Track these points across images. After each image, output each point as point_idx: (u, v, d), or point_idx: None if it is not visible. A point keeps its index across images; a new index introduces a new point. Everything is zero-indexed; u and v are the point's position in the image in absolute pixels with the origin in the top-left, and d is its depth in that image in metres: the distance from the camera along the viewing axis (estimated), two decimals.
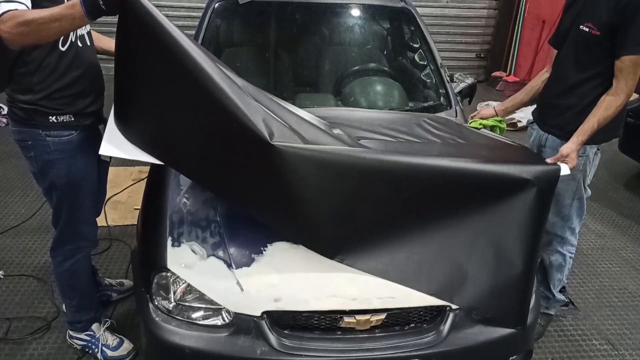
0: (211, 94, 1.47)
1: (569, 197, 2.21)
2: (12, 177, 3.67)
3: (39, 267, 2.76)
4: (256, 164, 1.55)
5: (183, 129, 1.61)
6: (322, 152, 1.56)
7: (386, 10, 3.18)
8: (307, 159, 1.52)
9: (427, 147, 1.96)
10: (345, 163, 1.58)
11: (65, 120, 1.81)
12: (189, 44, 1.50)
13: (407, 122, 2.24)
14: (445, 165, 1.64)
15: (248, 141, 1.49)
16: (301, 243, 1.68)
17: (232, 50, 3.07)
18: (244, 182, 1.64)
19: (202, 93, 1.48)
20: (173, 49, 1.48)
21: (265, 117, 1.52)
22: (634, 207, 3.88)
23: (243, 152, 1.55)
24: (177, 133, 1.64)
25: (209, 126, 1.57)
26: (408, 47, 3.20)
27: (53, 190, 1.92)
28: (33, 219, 3.08)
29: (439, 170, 1.64)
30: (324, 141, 1.62)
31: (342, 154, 1.59)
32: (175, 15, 6.05)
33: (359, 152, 1.63)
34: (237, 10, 2.98)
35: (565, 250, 2.35)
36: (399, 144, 1.95)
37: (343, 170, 1.58)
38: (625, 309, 2.75)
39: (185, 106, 1.57)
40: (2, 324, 2.37)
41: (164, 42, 1.48)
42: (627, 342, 2.52)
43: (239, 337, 1.64)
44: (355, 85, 2.77)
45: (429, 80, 2.83)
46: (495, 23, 6.74)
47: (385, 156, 1.64)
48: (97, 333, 2.22)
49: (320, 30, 3.07)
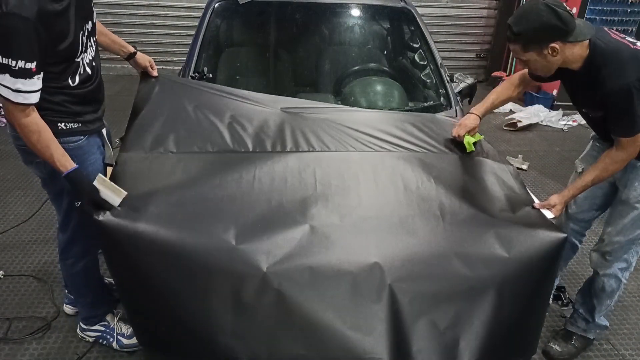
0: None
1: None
2: (12, 177, 3.66)
3: (39, 267, 2.76)
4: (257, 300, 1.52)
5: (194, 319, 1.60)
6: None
7: (386, 10, 3.19)
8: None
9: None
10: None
11: (74, 126, 1.80)
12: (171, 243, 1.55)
13: (397, 124, 2.21)
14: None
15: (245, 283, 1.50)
16: None
17: (232, 50, 3.07)
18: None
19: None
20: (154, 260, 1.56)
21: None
22: None
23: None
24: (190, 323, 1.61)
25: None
26: (408, 47, 3.20)
27: (64, 195, 1.91)
28: (33, 219, 3.08)
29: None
30: None
31: None
32: (176, 15, 6.05)
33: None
34: (237, 10, 2.98)
35: (623, 277, 2.16)
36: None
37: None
38: (625, 309, 2.74)
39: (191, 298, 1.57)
40: (2, 324, 2.37)
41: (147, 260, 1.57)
42: (627, 342, 2.52)
43: None
44: (355, 85, 2.77)
45: (429, 80, 2.83)
46: (495, 23, 6.73)
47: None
48: (111, 323, 2.26)
49: (320, 30, 3.08)
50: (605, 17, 5.27)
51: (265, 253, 1.52)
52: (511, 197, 1.88)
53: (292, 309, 1.48)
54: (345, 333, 1.47)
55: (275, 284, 1.48)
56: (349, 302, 1.50)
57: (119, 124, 2.14)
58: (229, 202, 1.70)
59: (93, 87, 1.84)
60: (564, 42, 1.74)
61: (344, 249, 1.57)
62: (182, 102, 2.14)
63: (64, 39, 1.62)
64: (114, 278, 1.75)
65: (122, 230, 1.57)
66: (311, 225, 1.63)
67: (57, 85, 1.69)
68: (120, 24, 6.01)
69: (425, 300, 1.53)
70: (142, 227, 1.57)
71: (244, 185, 1.77)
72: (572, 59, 1.80)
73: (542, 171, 4.24)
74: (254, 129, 2.05)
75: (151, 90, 2.18)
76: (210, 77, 2.61)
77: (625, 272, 2.16)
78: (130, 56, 2.18)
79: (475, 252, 1.60)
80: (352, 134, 2.08)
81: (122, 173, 1.79)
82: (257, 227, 1.61)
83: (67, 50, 1.64)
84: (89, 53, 1.80)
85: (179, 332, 1.60)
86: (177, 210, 1.64)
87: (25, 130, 1.62)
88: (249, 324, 1.51)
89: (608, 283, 2.17)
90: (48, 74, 1.62)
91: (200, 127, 2.03)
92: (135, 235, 1.56)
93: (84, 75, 1.77)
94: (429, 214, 1.71)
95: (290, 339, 1.49)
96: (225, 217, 1.63)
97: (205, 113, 2.09)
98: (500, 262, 1.60)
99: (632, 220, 2.03)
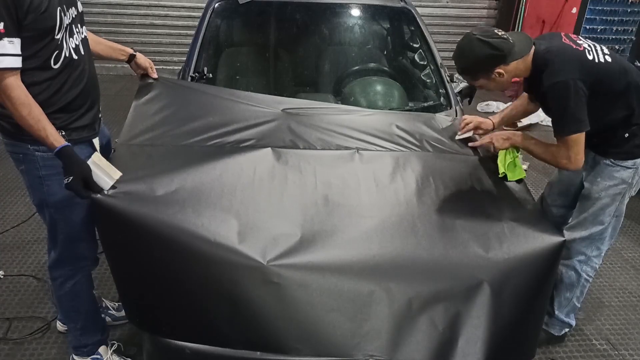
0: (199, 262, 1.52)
1: (610, 214, 2.07)
2: (12, 177, 3.66)
3: (39, 267, 2.76)
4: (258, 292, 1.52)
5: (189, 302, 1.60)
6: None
7: (386, 10, 3.19)
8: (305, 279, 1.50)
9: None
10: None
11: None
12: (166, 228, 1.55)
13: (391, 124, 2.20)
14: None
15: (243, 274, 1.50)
16: None
17: (232, 50, 3.07)
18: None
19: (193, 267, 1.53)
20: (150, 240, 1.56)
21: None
22: (634, 207, 3.87)
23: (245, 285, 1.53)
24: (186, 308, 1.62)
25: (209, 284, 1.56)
26: (408, 47, 3.20)
27: (44, 208, 1.81)
28: (33, 219, 3.08)
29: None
30: None
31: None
32: (176, 15, 6.05)
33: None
34: (237, 10, 2.98)
35: (582, 271, 2.19)
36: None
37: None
38: (625, 309, 2.74)
39: (185, 279, 1.58)
40: (2, 324, 2.37)
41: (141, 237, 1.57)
42: (627, 342, 2.52)
43: None
44: (355, 85, 2.77)
45: (429, 80, 2.83)
46: (495, 23, 6.73)
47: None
48: (104, 357, 2.10)
49: (320, 30, 3.08)
50: (605, 17, 5.26)
51: (266, 246, 1.52)
52: (511, 197, 1.88)
53: (290, 304, 1.49)
54: (342, 330, 1.48)
55: (274, 278, 1.48)
56: (347, 299, 1.50)
57: (119, 124, 2.14)
58: (229, 193, 1.69)
59: (81, 80, 1.75)
60: (506, 63, 1.84)
61: (344, 247, 1.57)
62: (182, 102, 2.14)
63: (37, 7, 1.53)
64: (107, 256, 1.70)
65: (118, 210, 1.56)
66: (311, 222, 1.63)
67: (38, 65, 1.61)
68: (120, 24, 6.00)
69: (424, 300, 1.53)
70: (139, 208, 1.57)
71: (245, 178, 1.76)
72: (520, 72, 1.91)
73: (542, 171, 4.23)
74: (255, 127, 2.05)
75: (151, 90, 2.18)
76: (210, 77, 2.61)
77: (585, 266, 2.19)
78: (130, 58, 2.16)
79: (475, 252, 1.60)
80: (353, 134, 2.08)
81: (117, 159, 1.77)
82: (258, 220, 1.61)
83: (40, 21, 1.55)
84: (75, 39, 1.72)
85: (173, 314, 1.61)
86: (176, 196, 1.63)
87: (15, 103, 1.54)
88: (245, 313, 1.51)
89: (567, 274, 2.21)
90: (28, 50, 1.55)
91: (199, 124, 2.03)
92: (132, 215, 1.55)
93: (68, 59, 1.68)
94: (429, 213, 1.71)
95: (287, 332, 1.50)
96: (225, 207, 1.63)
97: (205, 112, 2.09)
98: (499, 263, 1.60)
99: (593, 215, 2.07)
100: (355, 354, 1.48)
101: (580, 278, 2.21)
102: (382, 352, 1.48)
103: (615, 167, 2.00)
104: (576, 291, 2.25)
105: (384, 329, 1.49)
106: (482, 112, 5.56)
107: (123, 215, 1.57)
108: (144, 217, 1.56)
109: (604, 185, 2.02)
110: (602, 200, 2.03)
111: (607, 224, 2.09)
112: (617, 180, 2.01)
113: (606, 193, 2.02)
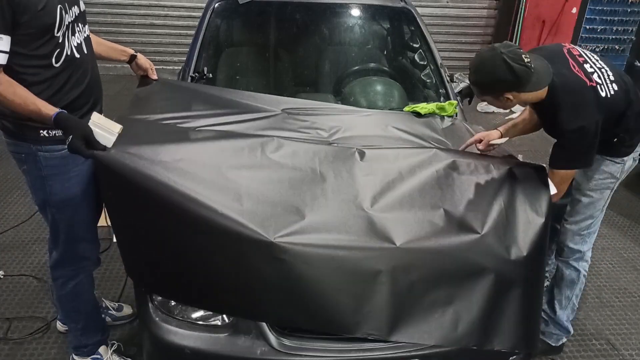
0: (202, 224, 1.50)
1: (599, 208, 2.12)
2: (12, 177, 3.67)
3: (39, 267, 2.76)
4: (263, 267, 1.53)
5: (190, 263, 1.60)
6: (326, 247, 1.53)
7: (386, 10, 3.19)
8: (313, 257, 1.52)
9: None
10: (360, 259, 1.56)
11: (58, 134, 1.66)
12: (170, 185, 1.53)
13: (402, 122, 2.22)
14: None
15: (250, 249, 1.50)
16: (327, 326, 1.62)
17: (232, 50, 3.07)
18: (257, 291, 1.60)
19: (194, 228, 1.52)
20: (153, 198, 1.53)
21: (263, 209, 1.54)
22: (634, 207, 3.88)
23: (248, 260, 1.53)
24: (186, 269, 1.62)
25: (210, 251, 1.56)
26: (408, 47, 3.19)
27: (47, 208, 1.81)
28: (33, 219, 3.08)
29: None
30: None
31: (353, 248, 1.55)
32: (176, 15, 6.05)
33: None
34: (237, 10, 2.98)
35: (580, 267, 2.23)
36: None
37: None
38: (625, 309, 2.74)
39: (186, 241, 1.57)
40: (2, 324, 2.38)
41: (145, 194, 1.54)
42: (627, 342, 2.52)
43: (239, 337, 1.64)
44: (355, 85, 2.77)
45: (429, 80, 2.83)
46: (495, 23, 6.73)
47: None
48: (104, 356, 2.11)
49: (320, 30, 3.07)
50: (605, 17, 5.26)
51: (274, 223, 1.52)
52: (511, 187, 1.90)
53: (294, 280, 1.51)
54: (344, 308, 1.53)
55: (281, 254, 1.48)
56: (351, 280, 1.54)
57: None
58: (236, 170, 1.68)
59: (83, 79, 1.75)
60: (519, 92, 1.80)
61: (349, 231, 1.59)
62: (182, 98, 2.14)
63: (34, 5, 1.52)
64: (108, 212, 1.67)
65: (123, 166, 1.53)
66: (318, 206, 1.63)
67: (39, 64, 1.60)
68: (120, 24, 6.01)
69: (427, 282, 1.59)
70: (145, 168, 1.54)
71: (251, 158, 1.75)
72: (528, 101, 1.90)
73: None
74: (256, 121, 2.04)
75: (150, 90, 2.18)
76: (210, 77, 2.61)
77: (581, 262, 2.23)
78: (131, 59, 2.14)
79: (476, 239, 1.63)
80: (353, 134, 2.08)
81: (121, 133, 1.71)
82: (266, 198, 1.60)
83: (38, 18, 1.54)
84: (77, 38, 1.72)
85: (174, 276, 1.62)
86: (181, 165, 1.60)
87: (0, 94, 1.52)
88: (250, 285, 1.54)
89: (567, 272, 2.25)
90: (28, 48, 1.55)
91: (201, 114, 2.01)
92: (137, 174, 1.52)
93: (70, 57, 1.68)
94: (433, 203, 1.73)
95: (291, 307, 1.55)
96: (232, 183, 1.61)
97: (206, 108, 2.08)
98: (502, 250, 1.65)
99: (584, 207, 2.13)
100: (355, 331, 1.54)
101: (579, 275, 2.25)
102: (380, 332, 1.55)
103: (604, 160, 2.06)
104: (576, 288, 2.28)
105: (385, 310, 1.55)
106: (482, 112, 5.57)
107: (128, 173, 1.53)
108: (149, 177, 1.52)
109: (593, 179, 2.09)
110: (593, 193, 2.10)
111: (596, 218, 2.15)
112: (606, 174, 2.07)
113: (596, 185, 2.09)
